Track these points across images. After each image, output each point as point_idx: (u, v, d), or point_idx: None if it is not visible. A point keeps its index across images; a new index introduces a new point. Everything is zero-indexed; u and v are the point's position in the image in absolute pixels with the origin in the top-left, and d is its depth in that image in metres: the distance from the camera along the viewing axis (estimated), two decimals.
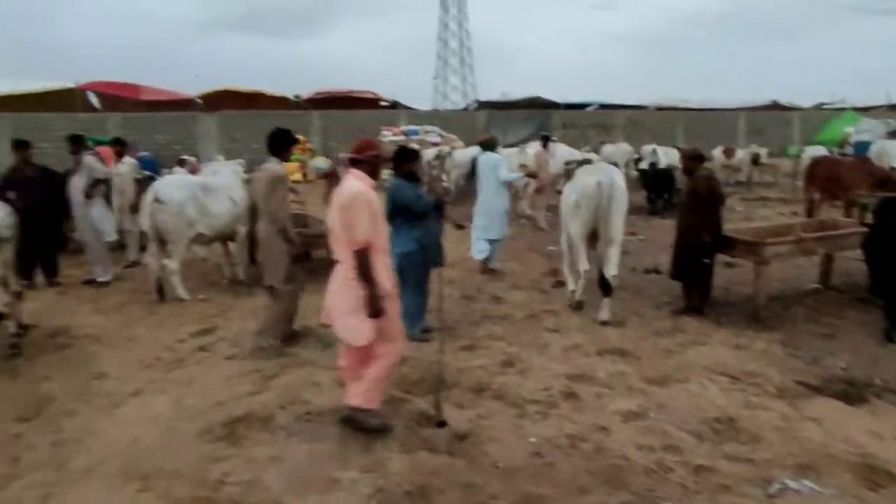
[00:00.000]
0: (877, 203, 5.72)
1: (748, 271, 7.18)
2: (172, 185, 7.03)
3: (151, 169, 10.42)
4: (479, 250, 8.01)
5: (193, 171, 11.35)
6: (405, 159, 5.50)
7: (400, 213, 5.34)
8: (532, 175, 10.99)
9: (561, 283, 7.50)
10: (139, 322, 6.25)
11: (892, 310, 5.30)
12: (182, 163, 12.08)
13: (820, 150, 14.47)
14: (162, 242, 6.96)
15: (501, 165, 7.98)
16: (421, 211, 5.35)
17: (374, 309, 3.55)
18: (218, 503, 3.12)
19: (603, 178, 5.88)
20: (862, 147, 17.64)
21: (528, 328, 5.90)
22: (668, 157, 15.39)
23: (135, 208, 8.14)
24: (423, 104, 43.99)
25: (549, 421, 3.95)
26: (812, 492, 3.09)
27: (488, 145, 8.23)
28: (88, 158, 7.77)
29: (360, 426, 3.78)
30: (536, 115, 26.23)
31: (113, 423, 4.03)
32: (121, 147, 9.39)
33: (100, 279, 7.75)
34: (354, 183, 3.75)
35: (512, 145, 18.11)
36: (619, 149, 17.89)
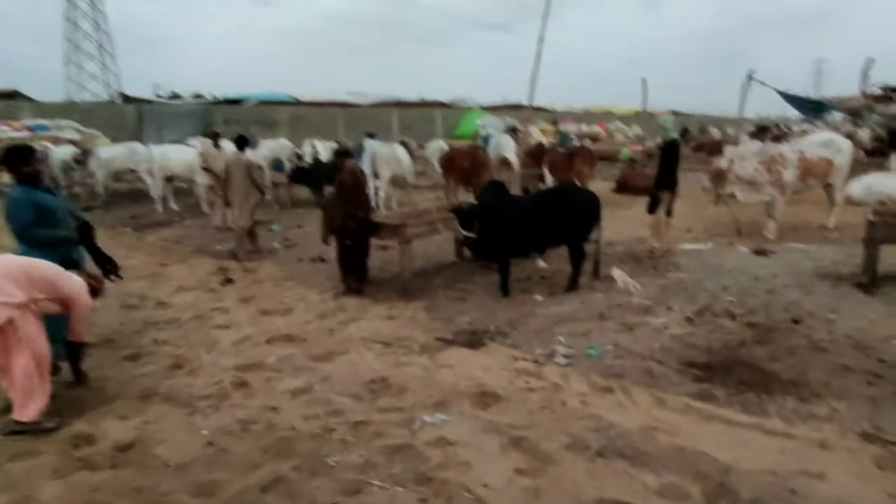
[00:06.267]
0: (483, 187, 7.06)
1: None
2: None
3: None
4: None
5: None
6: (21, 160, 4.43)
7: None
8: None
9: (229, 280, 7.54)
10: None
11: (503, 270, 6.64)
12: None
13: (440, 143, 16.85)
14: None
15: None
16: (43, 240, 4.38)
17: None
18: None
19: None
20: (487, 140, 21.18)
21: (197, 328, 5.84)
22: (327, 151, 16.28)
23: None
24: (56, 94, 38.20)
25: (221, 412, 4.06)
26: (442, 421, 3.85)
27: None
28: None
29: (34, 431, 3.79)
30: (197, 111, 24.94)
31: None
32: None
33: None
34: None
35: (175, 142, 16.91)
36: (280, 144, 17.90)
